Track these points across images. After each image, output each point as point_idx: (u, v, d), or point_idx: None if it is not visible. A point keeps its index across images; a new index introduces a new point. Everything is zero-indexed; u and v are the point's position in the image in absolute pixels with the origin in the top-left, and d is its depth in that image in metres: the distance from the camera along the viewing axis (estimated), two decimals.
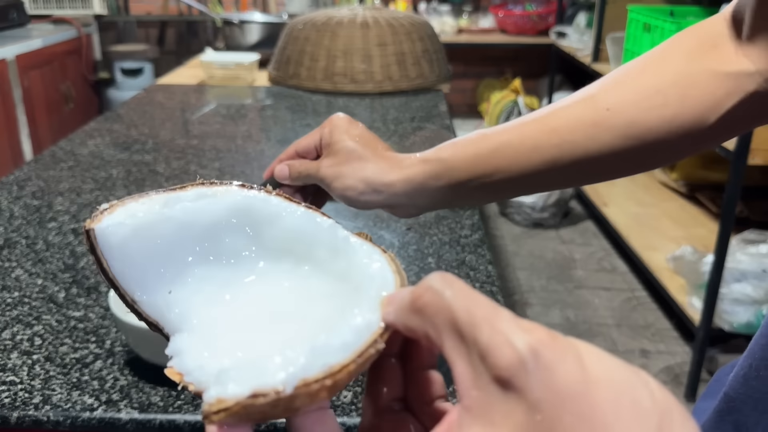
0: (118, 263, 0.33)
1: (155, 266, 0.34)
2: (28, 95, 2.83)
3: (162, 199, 0.35)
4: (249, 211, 0.37)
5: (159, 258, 0.34)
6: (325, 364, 0.27)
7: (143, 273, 0.34)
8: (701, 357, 1.86)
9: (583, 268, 2.66)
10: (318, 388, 0.27)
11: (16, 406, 0.62)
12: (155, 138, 1.48)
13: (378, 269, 0.33)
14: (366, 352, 0.28)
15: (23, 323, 0.76)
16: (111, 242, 0.32)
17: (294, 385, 0.26)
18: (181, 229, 0.35)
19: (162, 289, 0.34)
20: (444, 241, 0.98)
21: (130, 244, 0.33)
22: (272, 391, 0.26)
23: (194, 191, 0.37)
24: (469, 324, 0.23)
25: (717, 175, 2.57)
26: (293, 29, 1.95)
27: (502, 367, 0.22)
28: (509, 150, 0.53)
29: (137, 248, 0.33)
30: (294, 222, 0.37)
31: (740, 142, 1.67)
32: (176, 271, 0.35)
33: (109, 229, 0.32)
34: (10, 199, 1.12)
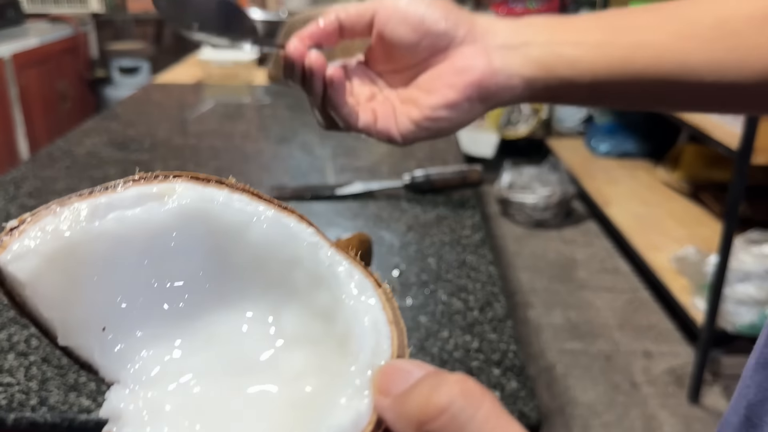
0: (33, 299, 0.25)
1: (83, 300, 0.26)
2: (25, 94, 2.82)
3: (88, 207, 0.27)
4: (206, 220, 0.28)
5: (87, 288, 0.26)
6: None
7: (67, 309, 0.26)
8: (704, 358, 1.85)
9: (586, 269, 2.65)
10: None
11: (13, 407, 0.62)
12: (152, 137, 1.47)
13: (370, 322, 0.26)
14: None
15: (19, 324, 0.75)
16: (20, 278, 0.25)
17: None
18: (116, 248, 0.27)
19: (93, 327, 0.26)
20: (445, 242, 0.97)
21: (46, 277, 0.25)
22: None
23: (132, 192, 0.28)
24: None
25: (720, 175, 2.56)
26: (292, 27, 1.93)
27: None
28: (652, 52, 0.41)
29: (56, 281, 0.25)
30: (264, 234, 0.28)
31: (744, 142, 1.66)
32: (110, 304, 0.27)
33: (14, 264, 0.25)
34: (7, 199, 1.10)
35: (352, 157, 1.36)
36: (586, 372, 2.03)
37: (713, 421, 1.82)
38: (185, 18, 0.53)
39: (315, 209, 1.08)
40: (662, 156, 3.02)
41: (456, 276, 0.87)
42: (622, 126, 3.28)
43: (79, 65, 3.39)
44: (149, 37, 3.68)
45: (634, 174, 3.04)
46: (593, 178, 3.02)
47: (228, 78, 2.02)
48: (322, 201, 1.11)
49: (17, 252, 0.25)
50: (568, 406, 1.88)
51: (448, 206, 1.09)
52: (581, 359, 2.09)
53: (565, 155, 3.31)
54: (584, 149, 3.40)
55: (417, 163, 1.31)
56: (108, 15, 3.58)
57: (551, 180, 2.97)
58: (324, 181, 1.21)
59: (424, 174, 1.13)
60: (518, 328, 2.24)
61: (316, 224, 0.30)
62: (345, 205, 1.10)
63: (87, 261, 0.26)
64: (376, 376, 0.24)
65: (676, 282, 2.10)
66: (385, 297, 0.27)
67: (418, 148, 1.42)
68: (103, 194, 0.27)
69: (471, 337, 0.75)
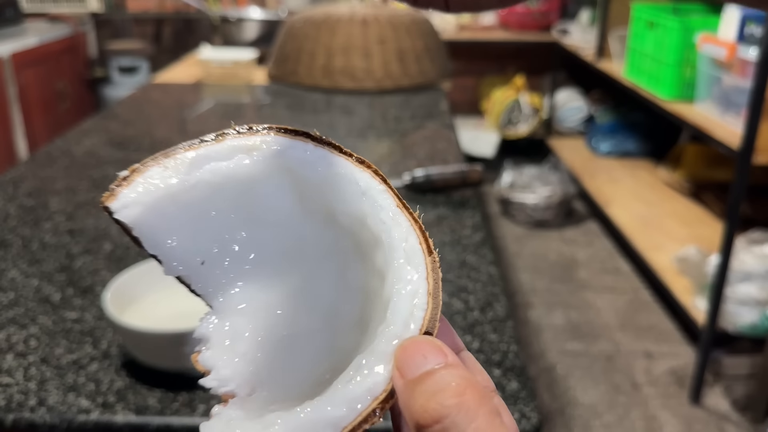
0: (140, 238, 0.29)
1: (181, 240, 0.30)
2: (24, 93, 2.81)
3: (188, 159, 0.30)
4: (290, 171, 0.31)
5: (185, 231, 0.30)
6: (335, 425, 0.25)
7: (168, 248, 0.30)
8: (706, 359, 1.85)
9: (586, 269, 2.65)
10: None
11: (12, 408, 0.61)
12: (152, 137, 1.46)
13: (410, 292, 0.28)
14: (369, 415, 0.25)
15: (18, 324, 0.74)
16: (126, 223, 0.29)
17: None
18: (211, 196, 0.30)
19: (192, 262, 0.30)
20: (445, 242, 0.96)
21: (148, 222, 0.29)
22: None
23: (226, 144, 0.31)
24: None
25: (722, 175, 2.55)
26: (292, 26, 1.93)
27: None
28: None
29: (158, 225, 0.29)
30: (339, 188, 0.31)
31: (745, 141, 1.66)
32: (206, 245, 0.31)
33: (121, 212, 0.29)
34: (6, 199, 1.10)
35: None
36: (587, 372, 2.02)
37: (714, 421, 1.82)
38: None
39: None
40: (663, 156, 3.01)
41: (456, 276, 0.87)
42: (622, 125, 3.28)
43: (78, 65, 3.39)
44: (148, 37, 3.67)
45: (635, 174, 3.04)
46: (594, 178, 3.02)
47: (227, 77, 2.01)
48: None
49: (123, 201, 0.29)
50: (568, 407, 1.88)
51: (448, 206, 1.09)
52: (582, 360, 2.08)
53: (566, 155, 3.30)
54: (585, 149, 3.39)
55: (417, 162, 1.30)
56: (107, 14, 3.58)
57: (552, 180, 2.97)
58: None
59: (425, 174, 1.13)
60: (519, 329, 2.23)
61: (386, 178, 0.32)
62: None
63: (185, 208, 0.30)
64: (398, 349, 0.26)
65: (678, 282, 2.09)
66: (432, 266, 0.29)
67: (418, 147, 1.41)
68: (201, 147, 0.30)
69: (471, 337, 0.74)
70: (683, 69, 2.14)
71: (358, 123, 1.59)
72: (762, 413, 1.79)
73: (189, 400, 0.64)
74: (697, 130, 1.94)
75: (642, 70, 2.39)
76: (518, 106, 3.42)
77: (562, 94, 3.59)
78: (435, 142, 1.45)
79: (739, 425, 1.80)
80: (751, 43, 1.79)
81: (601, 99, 3.47)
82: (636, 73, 2.45)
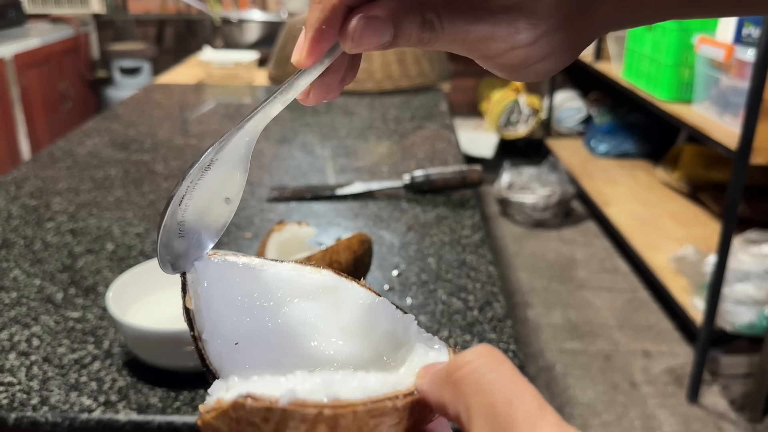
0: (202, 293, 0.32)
1: (232, 314, 0.33)
2: (26, 94, 2.82)
3: (259, 260, 0.34)
4: (334, 291, 0.35)
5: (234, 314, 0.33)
6: (333, 395, 0.25)
7: (219, 314, 0.32)
8: (703, 358, 1.85)
9: (585, 269, 2.65)
10: (315, 413, 0.25)
11: (14, 407, 0.62)
12: (153, 137, 1.47)
13: (435, 351, 0.31)
14: (381, 403, 0.26)
15: (21, 324, 0.75)
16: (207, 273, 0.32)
17: (290, 399, 0.25)
18: (268, 287, 0.34)
19: (229, 340, 0.32)
20: (444, 242, 0.97)
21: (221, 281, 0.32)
22: (266, 399, 0.25)
23: (290, 264, 0.35)
24: (507, 418, 0.21)
25: (719, 175, 2.56)
26: (293, 28, 1.94)
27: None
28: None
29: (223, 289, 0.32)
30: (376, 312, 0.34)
31: (743, 142, 1.66)
32: (249, 328, 0.33)
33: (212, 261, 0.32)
34: (8, 199, 1.11)
35: (352, 157, 1.36)
36: (586, 371, 2.03)
37: (712, 420, 1.83)
38: None
39: (315, 209, 1.08)
40: (661, 156, 3.02)
41: (456, 276, 0.88)
42: (621, 126, 3.28)
43: (80, 66, 3.39)
44: (150, 38, 3.68)
45: (633, 174, 3.05)
46: (592, 178, 3.02)
47: (229, 78, 2.02)
48: (322, 201, 1.12)
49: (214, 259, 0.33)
50: (567, 406, 1.89)
51: (448, 206, 1.09)
52: (580, 359, 2.09)
53: (565, 155, 3.31)
54: (583, 149, 3.40)
55: (417, 163, 1.31)
56: (109, 15, 3.59)
57: (551, 180, 2.98)
58: (324, 181, 1.21)
59: (424, 174, 1.13)
60: (518, 328, 2.24)
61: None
62: (345, 205, 1.10)
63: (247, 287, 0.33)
64: (421, 370, 0.28)
65: (675, 282, 2.10)
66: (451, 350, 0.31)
67: (417, 148, 1.42)
68: (271, 261, 0.35)
69: (471, 336, 0.75)
70: (681, 70, 2.15)
71: (358, 124, 1.60)
72: (759, 412, 1.79)
73: (191, 398, 0.64)
74: (695, 130, 1.95)
75: (640, 72, 2.40)
76: (517, 107, 3.43)
77: (560, 95, 3.59)
78: (434, 142, 1.46)
79: (737, 424, 1.81)
80: (748, 44, 1.80)
81: (599, 100, 3.48)
82: (634, 75, 2.46)
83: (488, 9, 0.31)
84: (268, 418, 0.25)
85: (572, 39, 0.34)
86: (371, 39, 0.30)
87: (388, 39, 0.30)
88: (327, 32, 0.30)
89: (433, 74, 1.93)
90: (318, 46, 0.31)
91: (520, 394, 0.22)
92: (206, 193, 0.32)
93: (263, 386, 0.26)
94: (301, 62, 0.31)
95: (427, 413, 0.28)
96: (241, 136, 0.32)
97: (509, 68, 0.34)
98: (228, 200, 0.33)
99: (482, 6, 0.31)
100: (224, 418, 0.25)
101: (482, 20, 0.31)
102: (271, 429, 0.25)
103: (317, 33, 0.30)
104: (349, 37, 0.30)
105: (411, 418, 0.27)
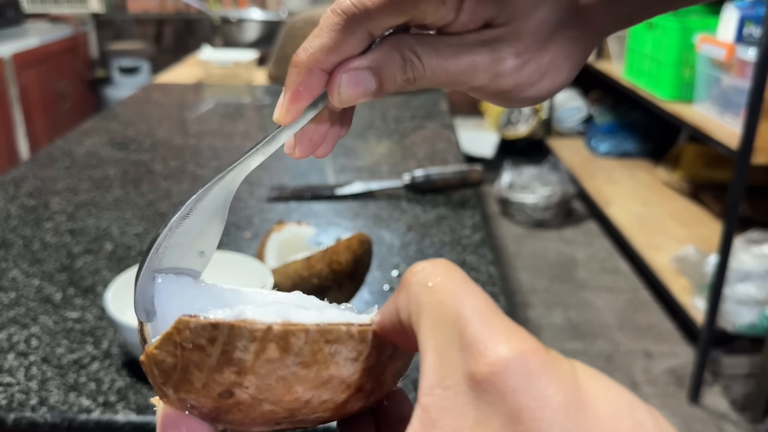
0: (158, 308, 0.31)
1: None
2: (25, 94, 2.82)
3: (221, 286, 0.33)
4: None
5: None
6: (285, 316, 0.24)
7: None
8: (704, 358, 1.85)
9: (586, 269, 2.65)
10: (264, 329, 0.23)
11: (13, 407, 0.62)
12: (152, 137, 1.47)
13: None
14: (335, 326, 0.24)
15: (19, 324, 0.75)
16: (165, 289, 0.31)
17: (237, 317, 0.23)
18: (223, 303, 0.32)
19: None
20: (445, 242, 0.97)
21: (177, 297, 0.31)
22: (208, 319, 0.23)
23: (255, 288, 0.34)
24: (456, 312, 0.20)
25: (720, 175, 2.56)
26: (292, 27, 1.93)
27: (485, 362, 0.18)
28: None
29: (180, 304, 0.31)
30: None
31: (744, 142, 1.66)
32: None
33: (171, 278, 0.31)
34: (7, 199, 1.10)
35: (352, 157, 1.36)
36: None
37: (713, 421, 1.82)
38: None
39: (315, 209, 1.08)
40: (662, 156, 3.02)
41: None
42: (622, 126, 3.28)
43: (79, 65, 3.39)
44: (149, 37, 3.68)
45: (634, 174, 3.05)
46: (593, 178, 3.02)
47: (228, 78, 2.02)
48: (322, 201, 1.11)
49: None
50: None
51: (448, 206, 1.09)
52: (581, 359, 2.08)
53: (565, 155, 3.31)
54: (584, 149, 3.40)
55: (417, 163, 1.31)
56: (108, 15, 3.58)
57: (551, 180, 2.97)
58: (324, 181, 1.21)
59: (424, 174, 1.13)
60: None
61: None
62: (345, 205, 1.10)
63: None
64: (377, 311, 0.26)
65: (676, 282, 2.09)
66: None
67: (418, 148, 1.42)
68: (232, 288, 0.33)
69: None
70: (682, 69, 2.15)
71: (358, 123, 1.60)
72: (761, 412, 1.79)
73: None
74: (696, 130, 1.94)
75: (641, 71, 2.40)
76: None
77: (561, 95, 3.59)
78: (435, 142, 1.46)
79: (738, 424, 1.80)
80: (749, 43, 1.79)
81: (600, 99, 3.47)
82: (635, 74, 2.46)
83: (465, 44, 0.32)
84: (214, 338, 0.23)
85: (567, 52, 0.34)
86: (356, 90, 0.32)
87: (374, 87, 0.32)
88: (304, 93, 0.32)
89: None
90: (295, 105, 0.32)
91: (473, 293, 0.21)
92: (183, 240, 0.31)
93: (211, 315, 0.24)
94: (280, 120, 0.33)
95: (387, 359, 0.26)
96: (222, 186, 0.32)
97: (503, 96, 0.35)
98: (202, 253, 0.32)
99: (457, 42, 0.33)
100: (168, 345, 0.24)
101: (461, 54, 0.32)
102: (218, 351, 0.23)
103: (294, 94, 0.32)
104: (335, 93, 0.32)
105: (369, 357, 0.25)
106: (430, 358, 0.20)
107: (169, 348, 0.24)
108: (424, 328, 0.21)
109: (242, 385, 0.24)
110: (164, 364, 0.24)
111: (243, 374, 0.23)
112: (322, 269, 0.69)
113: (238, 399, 0.24)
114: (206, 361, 0.23)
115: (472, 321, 0.20)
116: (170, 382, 0.24)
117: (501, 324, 0.19)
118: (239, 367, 0.23)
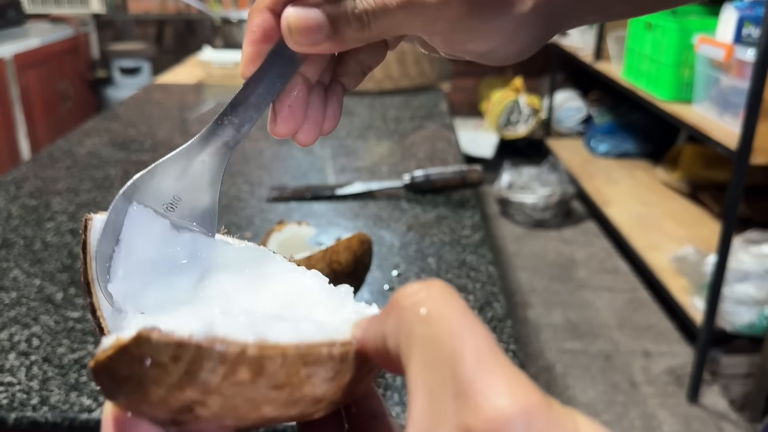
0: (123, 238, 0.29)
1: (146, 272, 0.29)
2: (26, 94, 2.82)
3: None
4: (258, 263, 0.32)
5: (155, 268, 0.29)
6: (260, 333, 0.21)
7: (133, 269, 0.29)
8: (703, 358, 1.85)
9: (585, 269, 2.65)
10: (236, 352, 0.20)
11: (14, 407, 0.62)
12: (153, 137, 1.47)
13: (372, 309, 0.28)
14: (316, 348, 0.22)
15: (21, 324, 0.75)
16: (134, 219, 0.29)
17: (207, 334, 0.20)
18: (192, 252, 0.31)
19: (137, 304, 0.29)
20: (444, 242, 0.97)
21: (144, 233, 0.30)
22: (177, 334, 0.20)
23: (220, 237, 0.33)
24: (453, 350, 0.18)
25: (719, 175, 2.56)
26: None
27: (483, 417, 0.16)
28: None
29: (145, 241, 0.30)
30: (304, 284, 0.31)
31: (743, 142, 1.66)
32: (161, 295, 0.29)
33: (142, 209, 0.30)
34: (8, 199, 1.11)
35: (352, 157, 1.36)
36: (586, 372, 2.03)
37: (712, 420, 1.83)
38: None
39: (315, 209, 1.08)
40: (661, 156, 3.02)
41: (456, 276, 0.88)
42: (621, 126, 3.29)
43: (80, 65, 3.39)
44: (150, 38, 3.68)
45: (633, 174, 3.05)
46: (592, 178, 3.02)
47: (229, 78, 2.02)
48: (322, 201, 1.11)
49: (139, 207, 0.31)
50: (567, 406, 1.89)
51: (448, 206, 1.09)
52: (581, 359, 2.09)
53: (565, 155, 3.31)
54: (583, 149, 3.40)
55: (417, 163, 1.31)
56: (109, 15, 3.59)
57: (551, 180, 2.98)
58: (324, 181, 1.21)
59: (424, 174, 1.13)
60: (518, 328, 2.24)
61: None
62: (345, 205, 1.10)
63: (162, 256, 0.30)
64: (357, 321, 0.25)
65: (675, 282, 2.10)
66: None
67: (417, 148, 1.42)
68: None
69: None
70: (681, 70, 2.15)
71: (358, 124, 1.60)
72: (759, 412, 1.79)
73: None
74: (695, 130, 1.95)
75: (640, 71, 2.40)
76: (517, 107, 3.43)
77: (560, 95, 3.59)
78: (434, 142, 1.46)
79: (737, 424, 1.81)
80: (748, 44, 1.80)
81: (599, 100, 3.48)
82: (634, 74, 2.46)
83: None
84: (178, 357, 0.20)
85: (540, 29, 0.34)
86: (306, 23, 0.30)
87: (323, 20, 0.30)
88: (257, 34, 0.31)
89: (433, 74, 1.93)
90: (253, 48, 0.32)
91: (473, 329, 0.19)
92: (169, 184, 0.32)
93: (174, 323, 0.21)
94: (244, 70, 0.33)
95: (364, 374, 0.24)
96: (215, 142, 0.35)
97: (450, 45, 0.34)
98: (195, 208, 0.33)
99: None
100: (123, 356, 0.20)
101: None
102: (181, 371, 0.20)
103: (249, 36, 0.32)
104: (285, 28, 0.30)
105: (346, 375, 0.23)
106: (420, 401, 0.18)
107: (125, 359, 0.20)
108: (414, 365, 0.19)
109: (205, 404, 0.21)
110: (117, 374, 0.21)
111: (207, 394, 0.21)
112: (322, 269, 0.70)
113: (198, 415, 0.22)
114: (166, 379, 0.20)
115: (470, 363, 0.18)
116: (122, 392, 0.21)
117: (502, 370, 0.18)
118: (203, 388, 0.21)
